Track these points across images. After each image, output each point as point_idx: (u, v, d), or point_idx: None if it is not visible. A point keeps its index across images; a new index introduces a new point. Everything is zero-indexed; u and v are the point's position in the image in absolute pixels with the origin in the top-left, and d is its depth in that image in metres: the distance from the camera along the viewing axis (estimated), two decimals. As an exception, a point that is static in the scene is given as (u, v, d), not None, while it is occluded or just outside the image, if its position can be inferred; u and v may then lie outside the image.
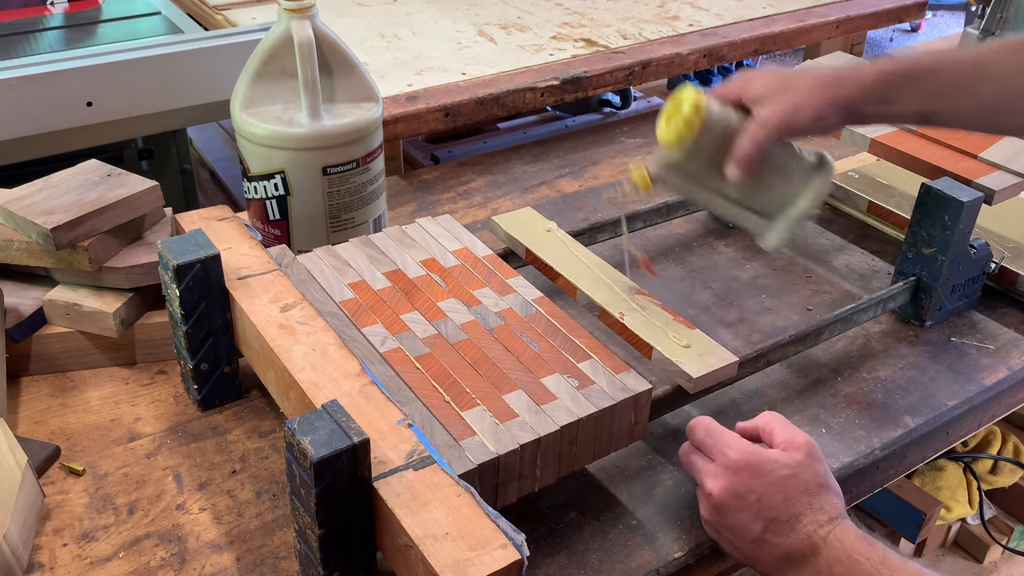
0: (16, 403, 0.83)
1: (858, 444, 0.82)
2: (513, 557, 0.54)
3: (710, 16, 1.62)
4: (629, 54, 1.43)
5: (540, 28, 1.55)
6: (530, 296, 0.80)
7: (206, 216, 0.88)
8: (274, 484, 0.76)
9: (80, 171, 0.89)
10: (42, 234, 0.81)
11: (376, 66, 1.37)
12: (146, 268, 0.85)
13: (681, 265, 1.07)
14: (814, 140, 0.88)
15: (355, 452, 0.57)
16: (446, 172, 1.28)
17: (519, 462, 0.65)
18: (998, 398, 0.91)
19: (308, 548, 0.61)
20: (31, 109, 1.08)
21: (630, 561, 0.70)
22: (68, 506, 0.73)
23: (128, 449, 0.79)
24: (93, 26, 1.46)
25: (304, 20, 0.88)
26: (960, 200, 0.90)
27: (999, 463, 1.47)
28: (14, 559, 0.65)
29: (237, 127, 0.92)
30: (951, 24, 4.84)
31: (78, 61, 1.10)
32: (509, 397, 0.68)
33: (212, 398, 0.83)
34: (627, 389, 0.70)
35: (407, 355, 0.72)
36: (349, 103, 0.94)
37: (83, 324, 0.85)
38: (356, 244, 0.86)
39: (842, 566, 0.63)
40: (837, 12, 1.65)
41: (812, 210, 0.78)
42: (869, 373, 0.91)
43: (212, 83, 1.18)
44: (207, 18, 1.53)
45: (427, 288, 0.80)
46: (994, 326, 0.98)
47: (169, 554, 0.69)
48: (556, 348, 0.74)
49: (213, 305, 0.77)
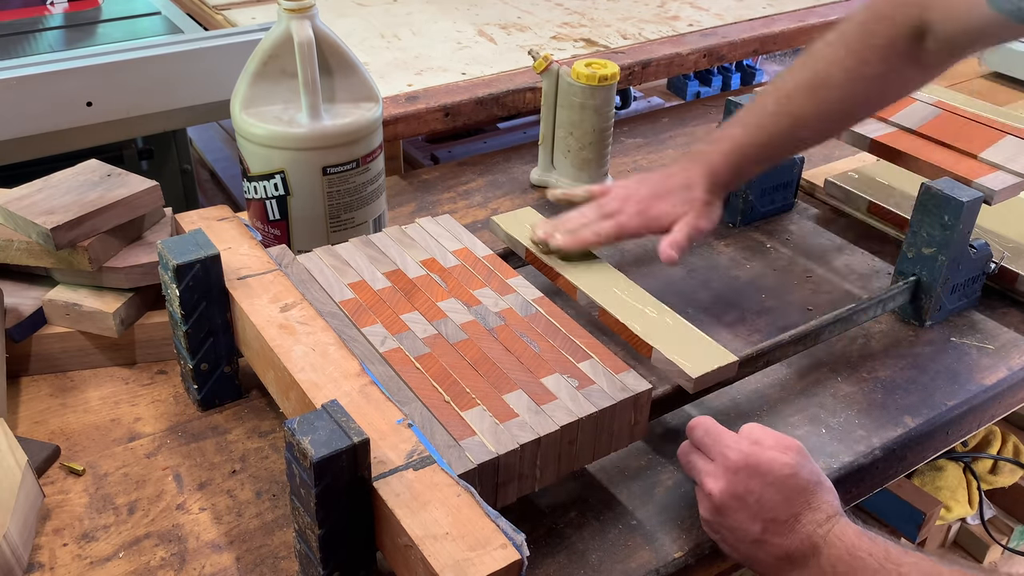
0: (16, 403, 0.83)
1: (858, 444, 0.82)
2: (513, 557, 0.54)
3: (710, 16, 1.62)
4: (629, 54, 1.43)
5: (540, 28, 1.55)
6: (530, 296, 0.80)
7: (206, 216, 0.88)
8: (274, 484, 0.76)
9: (80, 171, 0.89)
10: (42, 234, 0.81)
11: (376, 66, 1.37)
12: (146, 268, 0.85)
13: (681, 265, 1.06)
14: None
15: (355, 452, 0.57)
16: (446, 172, 1.28)
17: (519, 462, 0.65)
18: (998, 398, 0.91)
19: (308, 548, 0.61)
20: (31, 109, 1.08)
21: (630, 561, 0.70)
22: (68, 506, 0.73)
23: (128, 449, 0.79)
24: (93, 26, 1.46)
25: (304, 20, 0.88)
26: (960, 200, 0.90)
27: (999, 463, 1.47)
28: (14, 559, 0.65)
29: (237, 127, 0.92)
30: (951, 24, 4.82)
31: (78, 61, 1.10)
32: (509, 397, 0.68)
33: (212, 398, 0.83)
34: (627, 389, 0.70)
35: (407, 355, 0.72)
36: (349, 103, 0.94)
37: (83, 324, 0.85)
38: (356, 244, 0.86)
39: (844, 564, 0.63)
40: (837, 12, 1.65)
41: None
42: (869, 373, 0.91)
43: (212, 83, 1.18)
44: (207, 18, 1.53)
45: (427, 288, 0.80)
46: (994, 326, 0.98)
47: (169, 554, 0.69)
48: (556, 348, 0.74)
49: (213, 305, 0.77)
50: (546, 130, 1.18)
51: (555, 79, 1.14)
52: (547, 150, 1.20)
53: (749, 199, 1.12)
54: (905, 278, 0.96)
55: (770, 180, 1.13)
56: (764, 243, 1.12)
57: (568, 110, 1.14)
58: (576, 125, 1.14)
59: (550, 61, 1.13)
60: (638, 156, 1.32)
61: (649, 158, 1.32)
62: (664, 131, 1.41)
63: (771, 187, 1.14)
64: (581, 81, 1.10)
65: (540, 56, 1.13)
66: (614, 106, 1.15)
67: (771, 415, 0.85)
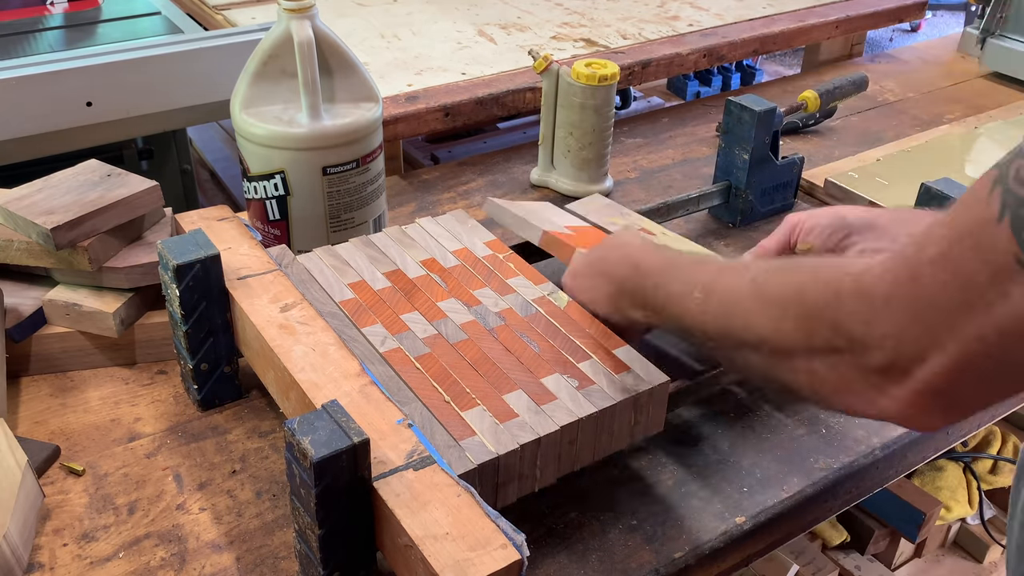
0: (16, 403, 0.83)
1: (858, 444, 0.82)
2: (513, 557, 0.54)
3: (710, 16, 1.62)
4: (629, 54, 1.43)
5: (540, 28, 1.55)
6: (530, 296, 0.80)
7: (206, 216, 0.88)
8: (274, 484, 0.76)
9: (80, 171, 0.89)
10: (42, 234, 0.81)
11: (376, 66, 1.37)
12: (146, 268, 0.85)
13: (681, 265, 1.06)
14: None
15: (355, 452, 0.57)
16: (446, 172, 1.28)
17: (519, 462, 0.65)
18: (998, 398, 0.91)
19: (308, 548, 0.61)
20: (31, 109, 1.08)
21: (630, 561, 0.70)
22: (68, 506, 0.73)
23: (128, 449, 0.79)
24: (93, 26, 1.46)
25: (304, 20, 0.88)
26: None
27: (999, 463, 1.47)
28: (14, 559, 0.65)
29: (237, 127, 0.92)
30: (951, 24, 4.83)
31: (78, 61, 1.10)
32: (509, 397, 0.68)
33: (212, 398, 0.83)
34: (627, 389, 0.70)
35: (407, 355, 0.72)
36: (349, 103, 0.94)
37: (83, 324, 0.85)
38: (356, 244, 0.86)
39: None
40: (837, 12, 1.65)
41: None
42: (869, 373, 0.91)
43: (212, 83, 1.18)
44: (207, 18, 1.53)
45: (427, 288, 0.80)
46: (994, 326, 0.98)
47: (169, 554, 0.69)
48: (556, 348, 0.74)
49: (213, 305, 0.77)
50: (546, 130, 1.18)
51: (555, 79, 1.14)
52: (547, 150, 1.20)
53: (749, 199, 1.12)
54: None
55: (770, 180, 1.13)
56: (764, 243, 1.12)
57: (568, 110, 1.14)
58: (576, 125, 1.14)
59: (550, 61, 1.13)
60: (638, 156, 1.32)
61: (649, 158, 1.32)
62: (664, 131, 1.41)
63: (771, 187, 1.14)
64: (581, 81, 1.11)
65: (540, 56, 1.13)
66: (614, 106, 1.15)
67: (771, 415, 0.85)
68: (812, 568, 1.32)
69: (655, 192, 1.22)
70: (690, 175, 1.27)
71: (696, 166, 1.30)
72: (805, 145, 1.36)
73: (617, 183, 1.24)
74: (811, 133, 1.40)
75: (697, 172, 1.28)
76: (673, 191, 1.22)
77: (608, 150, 1.18)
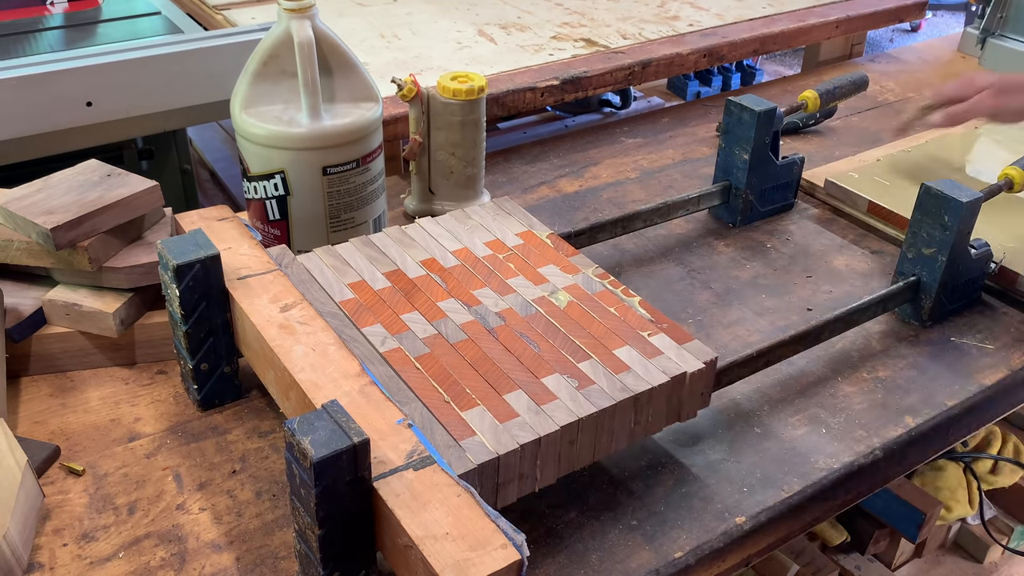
0: (16, 403, 0.83)
1: (858, 444, 0.82)
2: (513, 557, 0.54)
3: (710, 16, 1.62)
4: (629, 54, 1.43)
5: (540, 28, 1.55)
6: (530, 296, 0.80)
7: (206, 216, 0.88)
8: (274, 484, 0.76)
9: (80, 171, 0.89)
10: (42, 234, 0.81)
11: (376, 66, 1.37)
12: (146, 268, 0.85)
13: (681, 265, 1.07)
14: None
15: (355, 452, 0.57)
16: (446, 172, 1.28)
17: (519, 462, 0.65)
18: (998, 398, 0.91)
19: (308, 548, 0.61)
20: (31, 109, 1.08)
21: (630, 561, 0.70)
22: (68, 506, 0.73)
23: (128, 449, 0.79)
24: (93, 26, 1.46)
25: (304, 20, 0.88)
26: (960, 200, 0.90)
27: (999, 463, 1.47)
28: (14, 559, 0.65)
29: (237, 127, 0.92)
30: (951, 24, 4.84)
31: (78, 61, 1.10)
32: (509, 397, 0.68)
33: (212, 398, 0.83)
34: (627, 389, 0.70)
35: (407, 355, 0.72)
36: (349, 103, 0.94)
37: (83, 324, 0.85)
38: (356, 244, 0.86)
39: None
40: (837, 12, 1.65)
41: None
42: (869, 373, 0.91)
43: (212, 83, 1.18)
44: (207, 18, 1.53)
45: (427, 288, 0.80)
46: (994, 326, 0.98)
47: (169, 554, 0.69)
48: (556, 348, 0.74)
49: (213, 305, 0.77)
50: (421, 158, 1.10)
51: (423, 104, 1.06)
52: (423, 178, 1.11)
53: (749, 199, 1.12)
54: (905, 278, 0.96)
55: (770, 180, 1.13)
56: (764, 243, 1.12)
57: (447, 131, 1.06)
58: (458, 144, 1.07)
59: (418, 86, 1.04)
60: (638, 156, 1.32)
61: (649, 158, 1.32)
62: (664, 131, 1.41)
63: (771, 187, 1.14)
64: (460, 98, 1.03)
65: (405, 83, 1.03)
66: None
67: (771, 415, 0.85)
68: (812, 568, 1.32)
69: (655, 192, 1.22)
70: (690, 175, 1.27)
71: (696, 166, 1.30)
72: (805, 145, 1.36)
73: (617, 183, 1.24)
74: (811, 133, 1.40)
75: (697, 172, 1.28)
76: (673, 191, 1.22)
77: (483, 163, 1.12)
